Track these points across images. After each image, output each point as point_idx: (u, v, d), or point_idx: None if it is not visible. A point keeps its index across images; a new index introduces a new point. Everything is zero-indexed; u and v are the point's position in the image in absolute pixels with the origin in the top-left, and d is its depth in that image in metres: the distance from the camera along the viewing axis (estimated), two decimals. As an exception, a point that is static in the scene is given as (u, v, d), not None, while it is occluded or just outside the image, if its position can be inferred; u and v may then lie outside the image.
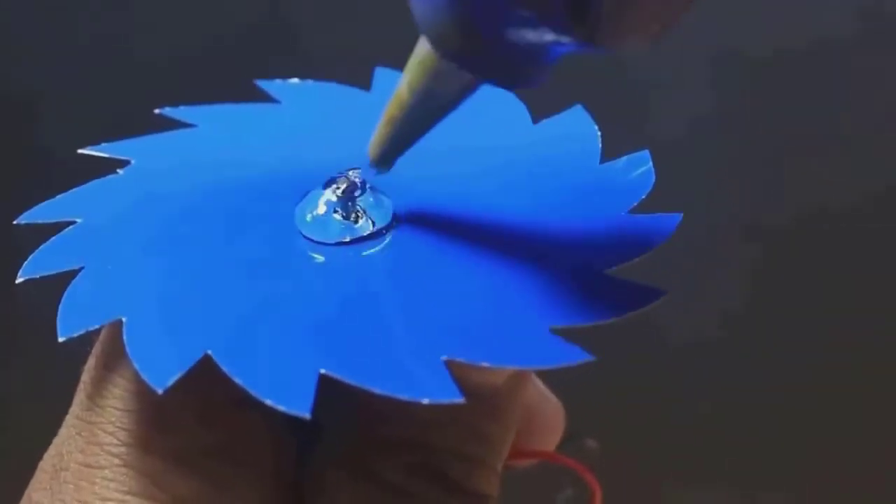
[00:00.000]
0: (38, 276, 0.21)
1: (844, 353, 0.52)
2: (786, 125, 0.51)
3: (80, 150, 0.24)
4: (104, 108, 0.47)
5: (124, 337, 0.19)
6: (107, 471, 0.20)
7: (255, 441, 0.21)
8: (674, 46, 0.50)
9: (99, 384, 0.21)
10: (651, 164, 0.23)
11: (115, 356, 0.21)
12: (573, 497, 0.28)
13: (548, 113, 0.26)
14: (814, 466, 0.54)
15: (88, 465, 0.20)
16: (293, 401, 0.17)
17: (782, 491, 0.54)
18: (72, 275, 0.21)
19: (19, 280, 0.21)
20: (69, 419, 0.21)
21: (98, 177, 0.24)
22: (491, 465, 0.21)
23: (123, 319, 0.19)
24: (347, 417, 0.21)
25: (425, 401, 0.17)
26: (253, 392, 0.17)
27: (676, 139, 0.50)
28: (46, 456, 0.21)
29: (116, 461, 0.20)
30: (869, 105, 0.50)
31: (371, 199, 0.22)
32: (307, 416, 0.17)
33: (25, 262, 0.21)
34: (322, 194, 0.22)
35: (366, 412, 0.21)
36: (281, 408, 0.17)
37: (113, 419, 0.20)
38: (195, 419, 0.20)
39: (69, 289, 0.20)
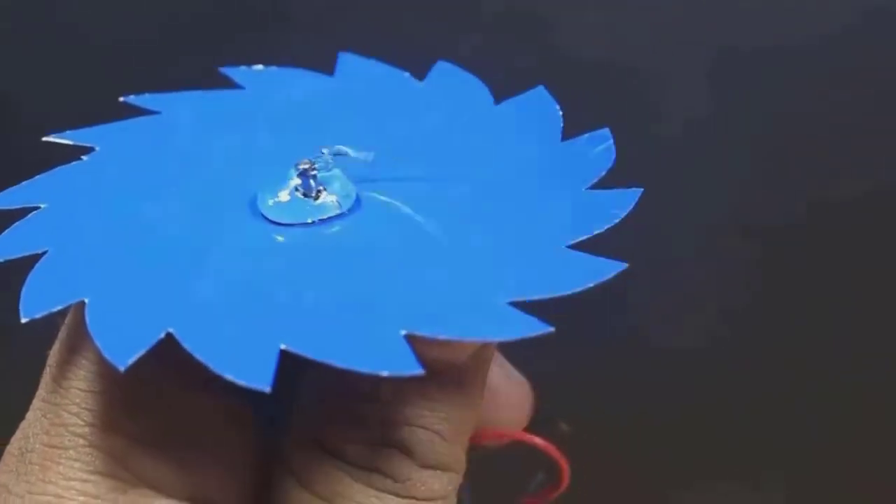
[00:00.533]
0: (1, 261, 0.21)
1: (845, 351, 0.53)
2: (786, 123, 0.51)
3: (44, 138, 0.25)
4: (78, 98, 0.47)
5: (86, 317, 0.19)
6: (71, 451, 0.20)
7: (219, 421, 0.21)
8: (673, 44, 0.50)
9: (63, 366, 0.21)
10: (612, 141, 0.23)
11: (80, 338, 0.21)
12: (545, 481, 0.29)
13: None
14: (816, 466, 0.54)
15: (53, 446, 0.20)
16: (253, 375, 0.17)
17: (780, 488, 0.55)
18: (35, 259, 0.21)
19: None
20: (35, 402, 0.22)
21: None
22: (455, 440, 0.21)
23: (86, 300, 0.19)
24: (312, 396, 0.21)
25: (385, 373, 0.17)
26: (213, 368, 0.18)
27: (675, 137, 0.50)
28: (14, 439, 0.22)
29: (81, 441, 0.20)
30: (870, 103, 0.50)
31: (333, 179, 0.23)
32: (267, 389, 0.17)
33: None
34: (284, 176, 0.23)
35: (330, 390, 0.21)
36: (241, 382, 0.17)
37: (77, 400, 0.21)
38: (160, 400, 0.21)
39: (32, 271, 0.20)
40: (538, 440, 0.26)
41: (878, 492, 0.55)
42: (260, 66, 0.28)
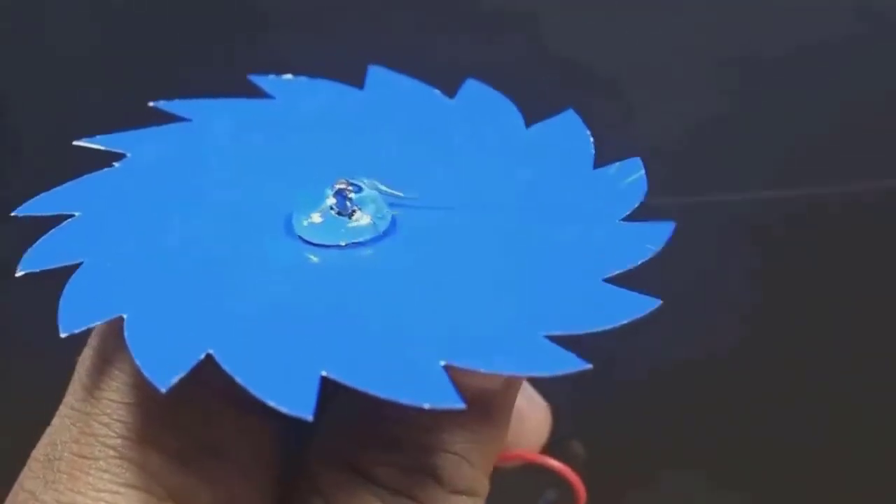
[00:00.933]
0: (38, 271, 0.21)
1: (859, 364, 0.53)
2: (786, 127, 0.51)
3: (75, 142, 0.25)
4: (78, 99, 0.47)
5: (126, 334, 0.19)
6: (101, 462, 0.21)
7: (250, 439, 0.22)
8: (676, 49, 0.51)
9: (95, 375, 0.22)
10: (643, 171, 0.24)
11: (113, 348, 0.22)
12: (556, 499, 0.29)
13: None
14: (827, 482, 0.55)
15: (83, 456, 0.21)
16: (295, 403, 0.18)
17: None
18: (69, 268, 0.21)
19: (19, 273, 0.21)
20: (63, 409, 0.22)
21: (67, 168, 0.24)
22: (482, 465, 0.22)
23: (124, 316, 0.20)
24: (343, 417, 0.22)
25: (426, 406, 0.18)
26: (255, 393, 0.18)
27: (677, 142, 0.51)
28: (39, 445, 0.22)
29: (111, 453, 0.21)
30: (870, 106, 0.51)
31: (368, 201, 0.23)
32: (310, 418, 0.18)
33: (24, 256, 0.21)
34: (320, 195, 0.23)
35: (362, 413, 0.22)
36: (284, 410, 0.18)
37: (108, 411, 0.21)
38: (194, 415, 0.21)
39: (69, 284, 0.21)
40: (555, 463, 0.27)
41: (879, 493, 0.55)
42: (289, 76, 0.28)
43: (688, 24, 0.51)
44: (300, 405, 0.18)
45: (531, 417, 0.27)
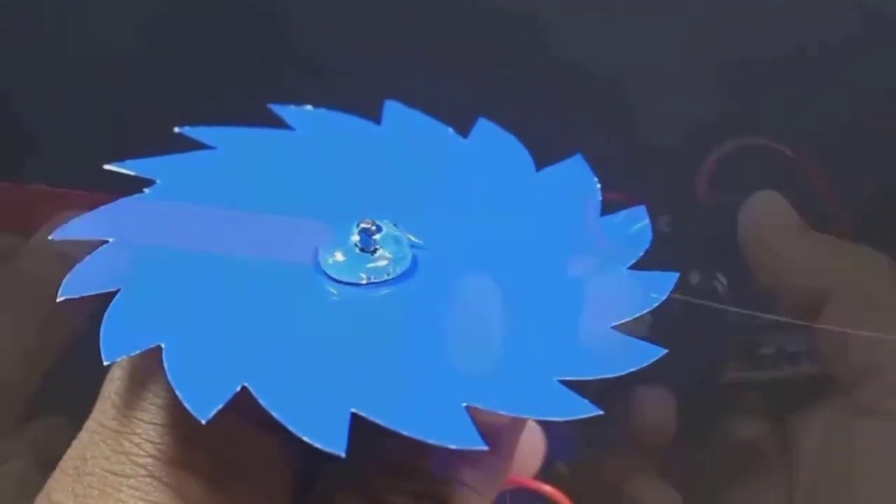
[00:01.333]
0: (77, 297, 0.23)
1: None
2: (789, 128, 0.53)
3: (105, 166, 0.27)
4: (80, 99, 0.48)
5: (165, 365, 0.21)
6: (132, 480, 0.22)
7: (275, 463, 0.24)
8: (677, 52, 0.53)
9: (127, 396, 0.24)
10: (648, 220, 0.26)
11: (146, 370, 0.24)
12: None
13: (552, 129, 0.29)
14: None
15: (114, 473, 0.23)
16: (328, 438, 0.20)
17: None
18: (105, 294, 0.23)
19: (60, 299, 0.23)
20: (92, 425, 0.24)
21: (66, 168, 0.26)
22: (489, 495, 0.25)
23: (162, 345, 0.22)
24: (359, 444, 0.24)
25: (453, 447, 0.20)
26: (291, 427, 0.20)
27: (677, 142, 0.53)
28: (67, 458, 0.24)
29: (142, 471, 0.23)
30: (870, 109, 0.52)
31: (392, 242, 0.25)
32: (342, 454, 0.20)
33: (64, 281, 0.23)
34: (345, 234, 0.25)
35: (377, 441, 0.24)
36: (318, 445, 0.20)
37: (139, 430, 0.23)
38: (223, 438, 0.23)
39: (108, 312, 0.23)
40: (547, 488, 0.29)
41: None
42: (309, 107, 0.30)
43: (688, 24, 0.52)
44: (333, 441, 0.20)
45: (528, 443, 0.29)
